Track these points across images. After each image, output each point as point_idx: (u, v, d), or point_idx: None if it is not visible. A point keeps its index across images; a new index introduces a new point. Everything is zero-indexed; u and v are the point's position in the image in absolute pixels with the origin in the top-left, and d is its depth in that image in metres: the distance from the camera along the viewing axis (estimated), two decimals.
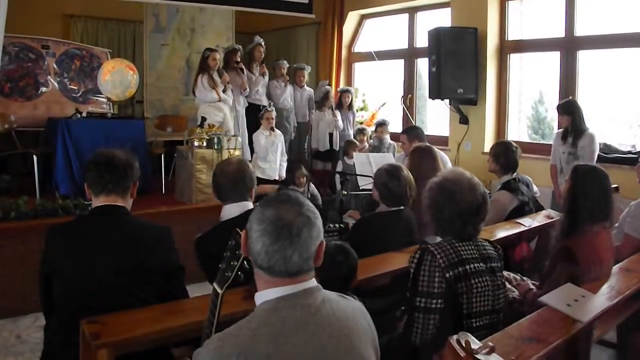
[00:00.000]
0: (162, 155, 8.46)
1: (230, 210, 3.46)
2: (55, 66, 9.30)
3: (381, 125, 9.17)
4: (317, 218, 1.94)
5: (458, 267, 2.79)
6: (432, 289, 2.76)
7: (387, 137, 9.08)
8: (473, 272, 2.82)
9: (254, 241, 1.87)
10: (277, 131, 8.49)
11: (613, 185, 5.94)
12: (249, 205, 3.49)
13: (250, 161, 7.63)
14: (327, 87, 9.86)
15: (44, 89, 9.18)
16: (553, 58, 8.08)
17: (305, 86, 10.12)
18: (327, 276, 2.95)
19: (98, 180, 2.98)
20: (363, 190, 6.82)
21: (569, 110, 6.49)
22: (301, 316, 1.84)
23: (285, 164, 8.56)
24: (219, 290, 2.15)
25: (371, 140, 9.24)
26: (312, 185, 8.30)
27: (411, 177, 4.41)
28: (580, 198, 3.68)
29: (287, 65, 9.96)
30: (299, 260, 1.85)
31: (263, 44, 9.55)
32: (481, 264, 2.87)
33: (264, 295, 1.89)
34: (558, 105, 6.69)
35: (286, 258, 1.84)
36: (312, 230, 1.89)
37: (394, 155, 8.32)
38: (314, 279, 1.94)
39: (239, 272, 2.11)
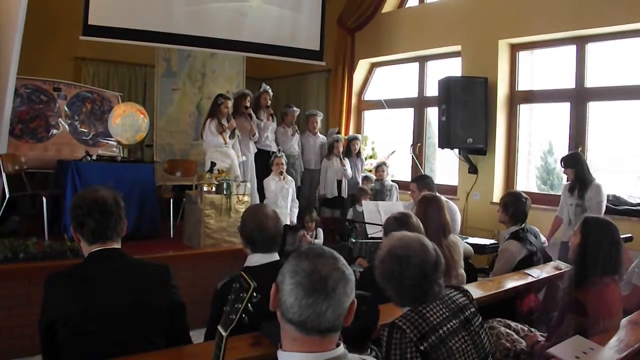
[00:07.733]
0: (171, 200, 8.45)
1: (259, 259, 3.41)
2: (66, 108, 9.38)
3: (380, 166, 9.26)
4: (352, 275, 1.89)
5: (431, 336, 2.62)
6: None
7: (388, 178, 9.16)
8: (448, 335, 2.68)
9: (286, 294, 1.80)
10: (288, 177, 8.48)
11: (627, 235, 5.92)
12: (276, 256, 3.46)
13: None
14: (334, 136, 9.80)
15: (54, 131, 9.25)
16: (563, 109, 8.10)
17: (318, 133, 10.04)
18: (349, 326, 2.92)
19: (94, 230, 2.91)
20: (372, 238, 6.79)
21: (572, 163, 6.55)
22: None
23: (296, 210, 8.55)
24: (223, 333, 2.12)
25: (372, 185, 9.19)
26: (320, 230, 8.32)
27: (420, 224, 4.38)
28: (591, 251, 3.65)
29: (298, 113, 9.95)
30: (331, 317, 1.79)
31: (270, 91, 9.56)
32: (454, 321, 2.75)
33: (290, 358, 1.83)
34: (561, 159, 6.71)
35: (319, 313, 1.77)
36: (347, 287, 1.84)
37: (397, 197, 8.56)
38: (341, 344, 1.88)
39: (243, 315, 2.07)
